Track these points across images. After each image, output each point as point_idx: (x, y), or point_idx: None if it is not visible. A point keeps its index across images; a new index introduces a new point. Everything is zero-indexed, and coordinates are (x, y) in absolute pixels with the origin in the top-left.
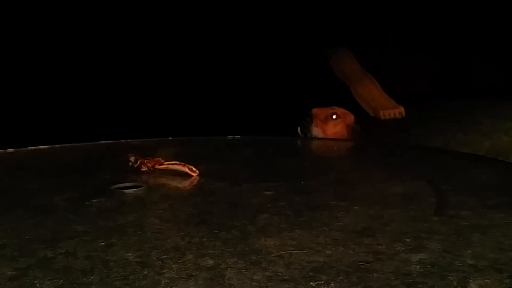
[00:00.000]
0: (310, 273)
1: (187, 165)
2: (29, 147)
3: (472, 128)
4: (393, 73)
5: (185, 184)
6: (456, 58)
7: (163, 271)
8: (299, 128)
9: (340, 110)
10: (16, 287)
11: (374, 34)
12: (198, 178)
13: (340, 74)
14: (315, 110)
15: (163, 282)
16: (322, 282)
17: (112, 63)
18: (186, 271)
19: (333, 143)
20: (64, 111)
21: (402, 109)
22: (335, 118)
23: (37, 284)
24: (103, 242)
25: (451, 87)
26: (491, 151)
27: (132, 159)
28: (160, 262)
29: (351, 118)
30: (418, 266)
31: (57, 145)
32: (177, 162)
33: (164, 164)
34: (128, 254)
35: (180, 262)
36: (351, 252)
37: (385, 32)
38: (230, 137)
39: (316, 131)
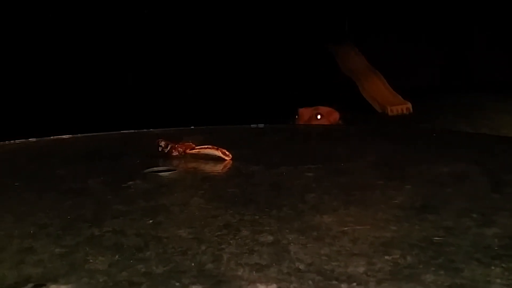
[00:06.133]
0: (381, 248)
1: (220, 148)
2: (51, 137)
3: (481, 123)
4: (400, 69)
5: (220, 167)
6: (463, 52)
7: (222, 246)
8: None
9: (324, 109)
10: (68, 264)
11: (380, 29)
12: (231, 162)
13: (346, 71)
14: (301, 110)
15: (225, 257)
16: (397, 256)
17: (116, 62)
18: (247, 247)
19: (361, 129)
20: (80, 104)
21: (409, 105)
22: (319, 118)
23: (91, 261)
24: (150, 220)
25: (458, 82)
26: None
27: (162, 144)
28: (216, 238)
29: (335, 116)
30: (496, 239)
31: (79, 135)
32: (209, 146)
33: (196, 149)
34: (180, 231)
35: (238, 238)
36: (418, 227)
37: (391, 28)
38: (253, 125)
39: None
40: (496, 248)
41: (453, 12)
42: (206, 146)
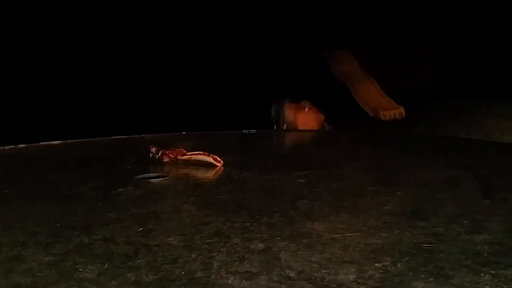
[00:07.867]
0: (372, 255)
1: (211, 155)
2: (40, 143)
3: (473, 128)
4: (392, 73)
5: (211, 173)
6: (456, 57)
7: (212, 254)
8: (272, 111)
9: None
10: (57, 273)
11: (373, 34)
12: (222, 168)
13: (339, 75)
14: (287, 105)
15: (215, 265)
16: (388, 263)
17: (113, 63)
18: (237, 254)
19: (353, 134)
20: (69, 109)
21: (402, 110)
22: (307, 111)
23: (80, 269)
24: (140, 228)
25: (451, 87)
26: None
27: (154, 150)
28: (207, 246)
29: (321, 117)
30: (486, 246)
31: (70, 141)
32: (200, 152)
33: (187, 155)
34: (170, 239)
35: (228, 246)
36: (408, 234)
37: (384, 32)
38: (245, 131)
39: (288, 114)
40: (485, 255)
41: (449, 16)
42: (197, 152)
